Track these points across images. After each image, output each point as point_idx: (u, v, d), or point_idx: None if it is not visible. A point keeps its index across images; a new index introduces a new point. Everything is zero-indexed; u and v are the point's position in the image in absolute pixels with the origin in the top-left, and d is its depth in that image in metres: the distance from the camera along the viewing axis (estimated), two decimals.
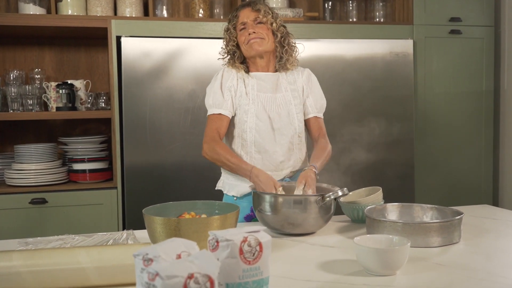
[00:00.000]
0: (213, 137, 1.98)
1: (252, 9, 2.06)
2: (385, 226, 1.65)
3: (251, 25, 2.04)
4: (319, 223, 1.78)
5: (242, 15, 2.06)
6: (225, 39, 2.11)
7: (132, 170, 2.93)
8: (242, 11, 2.07)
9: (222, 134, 2.01)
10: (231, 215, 1.48)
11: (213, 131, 1.99)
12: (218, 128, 2.00)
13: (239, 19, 2.07)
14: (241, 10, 2.08)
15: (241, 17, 2.06)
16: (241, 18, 2.06)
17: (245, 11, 2.07)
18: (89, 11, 3.09)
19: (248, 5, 2.08)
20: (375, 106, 3.27)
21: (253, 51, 2.03)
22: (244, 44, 2.05)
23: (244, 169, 1.92)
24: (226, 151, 1.96)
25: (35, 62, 3.30)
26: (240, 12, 2.07)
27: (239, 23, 2.06)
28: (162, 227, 1.43)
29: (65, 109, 3.00)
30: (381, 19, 3.55)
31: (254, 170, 1.89)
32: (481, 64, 3.51)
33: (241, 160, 1.98)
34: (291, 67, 2.11)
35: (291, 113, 2.07)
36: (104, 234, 1.82)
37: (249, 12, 2.06)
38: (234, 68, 2.08)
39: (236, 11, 2.09)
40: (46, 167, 2.95)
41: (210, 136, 1.99)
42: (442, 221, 1.63)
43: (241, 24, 2.05)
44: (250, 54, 2.05)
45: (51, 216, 2.89)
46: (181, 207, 1.67)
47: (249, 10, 2.06)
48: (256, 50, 2.03)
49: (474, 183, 3.53)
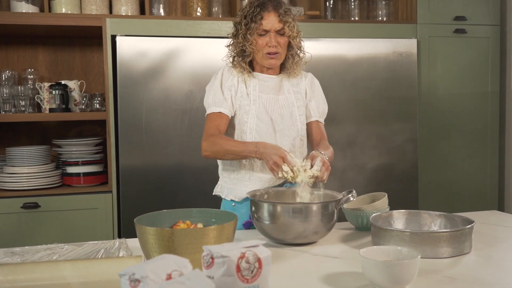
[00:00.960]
0: (212, 133, 1.90)
1: (279, 17, 1.90)
2: (391, 235, 1.56)
3: (274, 36, 1.91)
4: (321, 232, 1.69)
5: (267, 21, 1.89)
6: (238, 36, 1.93)
7: (128, 174, 2.84)
8: (267, 15, 1.89)
9: (222, 131, 1.93)
10: (228, 225, 1.39)
11: (212, 129, 1.91)
12: (218, 125, 1.92)
13: (262, 23, 1.89)
14: (267, 13, 1.90)
15: (266, 22, 1.89)
16: (265, 24, 1.89)
17: (271, 17, 1.90)
18: (84, 9, 3.00)
19: (275, 9, 1.91)
20: (377, 108, 3.19)
21: (268, 64, 1.96)
22: (261, 51, 1.93)
23: (249, 146, 1.84)
24: (226, 138, 1.90)
25: (28, 62, 3.21)
26: (265, 15, 1.89)
27: (262, 28, 1.90)
28: (154, 238, 1.34)
29: (58, 110, 2.91)
30: (384, 18, 3.47)
31: (259, 144, 1.82)
32: (487, 64, 3.43)
33: (244, 142, 1.91)
34: (295, 76, 2.04)
35: (294, 114, 2.00)
36: (95, 243, 1.73)
37: (275, 20, 1.90)
38: (238, 68, 1.97)
39: (261, 11, 1.89)
40: (39, 171, 2.86)
41: (209, 133, 1.91)
42: (452, 230, 1.54)
43: (263, 30, 1.91)
44: (263, 64, 1.97)
45: (43, 221, 2.79)
46: (176, 216, 1.57)
47: (275, 17, 1.90)
48: (272, 65, 1.96)
49: (479, 186, 3.45)
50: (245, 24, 1.91)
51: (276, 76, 2.02)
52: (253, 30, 1.90)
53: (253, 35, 1.90)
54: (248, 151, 1.83)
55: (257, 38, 1.91)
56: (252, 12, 1.90)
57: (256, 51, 1.93)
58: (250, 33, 1.90)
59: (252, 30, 1.90)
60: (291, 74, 2.02)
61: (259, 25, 1.89)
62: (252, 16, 1.90)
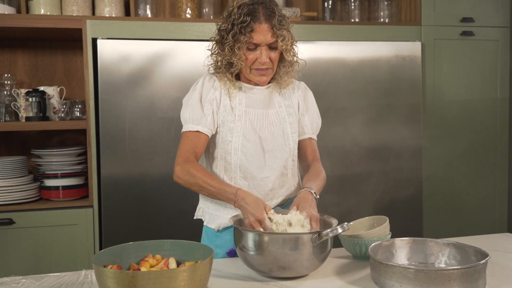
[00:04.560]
0: (187, 158, 1.67)
1: (272, 30, 1.65)
2: (393, 272, 1.35)
3: (265, 51, 1.67)
4: (313, 265, 1.49)
5: (258, 34, 1.64)
6: (224, 47, 1.68)
7: (110, 187, 2.65)
8: (259, 27, 1.64)
9: (199, 155, 1.70)
10: (202, 264, 1.19)
11: (188, 152, 1.68)
12: (194, 147, 1.69)
13: (253, 36, 1.64)
14: (258, 24, 1.64)
15: (256, 35, 1.64)
16: (255, 37, 1.65)
17: (263, 29, 1.64)
18: (64, 10, 2.80)
19: (268, 19, 1.65)
20: (379, 114, 3.00)
21: (257, 81, 1.73)
22: (249, 67, 1.70)
23: (228, 193, 1.61)
24: (204, 173, 1.65)
25: (6, 67, 3.01)
26: (256, 27, 1.64)
27: (252, 41, 1.66)
28: (113, 281, 1.13)
29: (35, 119, 2.71)
30: (386, 20, 3.29)
31: (239, 193, 1.60)
32: (496, 69, 3.25)
33: (223, 182, 1.68)
34: (286, 86, 1.81)
35: (286, 132, 1.77)
36: (58, 275, 1.54)
37: (267, 33, 1.65)
38: (223, 80, 1.74)
39: (251, 21, 1.63)
40: (14, 184, 2.66)
41: (184, 157, 1.68)
42: (464, 268, 1.33)
43: (253, 44, 1.67)
44: (252, 79, 1.74)
45: (18, 238, 2.59)
46: (145, 249, 1.37)
47: (268, 30, 1.65)
48: (262, 82, 1.74)
49: (487, 194, 3.27)
50: (233, 36, 1.65)
51: (265, 87, 1.79)
52: (242, 43, 1.65)
53: (241, 49, 1.66)
54: (225, 197, 1.63)
55: (246, 52, 1.68)
56: (241, 22, 1.64)
57: (245, 67, 1.71)
58: (239, 47, 1.65)
59: (241, 43, 1.65)
60: (282, 84, 1.80)
61: (248, 38, 1.64)
62: (241, 27, 1.64)
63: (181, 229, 2.56)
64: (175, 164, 1.68)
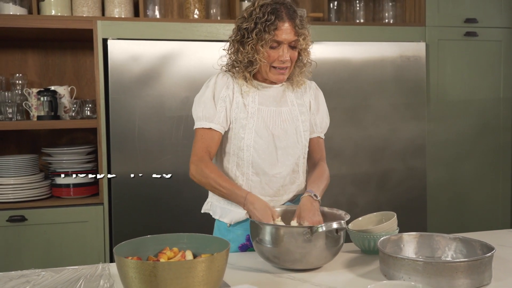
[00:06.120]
0: (201, 157, 1.72)
1: (294, 29, 1.70)
2: (402, 264, 1.40)
3: (287, 49, 1.72)
4: (326, 258, 1.54)
5: (282, 32, 1.68)
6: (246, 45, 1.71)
7: (120, 185, 2.69)
8: (282, 25, 1.68)
9: (212, 153, 1.75)
10: (219, 255, 1.23)
11: (202, 150, 1.73)
12: (208, 146, 1.73)
13: (276, 33, 1.68)
14: (282, 23, 1.68)
15: (280, 33, 1.68)
16: (279, 35, 1.68)
17: (287, 28, 1.69)
18: (74, 11, 2.85)
19: (291, 18, 1.70)
20: (384, 114, 3.03)
21: (275, 79, 1.77)
22: (270, 65, 1.74)
23: (238, 195, 1.67)
24: (217, 173, 1.70)
25: (17, 67, 3.06)
26: (280, 25, 1.68)
27: (276, 39, 1.69)
28: (135, 271, 1.18)
29: (47, 118, 2.76)
30: (390, 20, 3.32)
31: (249, 197, 1.65)
32: (499, 69, 3.28)
33: (234, 184, 1.73)
34: (299, 86, 1.85)
35: (299, 130, 1.81)
36: (76, 268, 1.59)
37: (290, 31, 1.69)
38: (240, 78, 1.77)
39: (275, 20, 1.67)
40: (26, 181, 2.71)
41: (199, 156, 1.72)
42: (471, 260, 1.37)
43: (276, 42, 1.70)
44: (270, 78, 1.78)
45: (30, 235, 2.64)
46: (163, 241, 1.42)
47: (291, 29, 1.69)
48: (280, 80, 1.78)
49: (491, 193, 3.31)
50: (257, 33, 1.69)
51: (279, 85, 1.83)
52: (266, 41, 1.69)
53: (264, 47, 1.70)
54: (235, 199, 1.69)
55: (268, 50, 1.72)
56: (265, 20, 1.68)
57: (265, 65, 1.74)
58: (262, 44, 1.70)
59: (265, 41, 1.69)
60: (295, 83, 1.84)
61: (272, 36, 1.69)
62: (265, 25, 1.68)
63: (189, 226, 2.59)
64: (190, 162, 1.73)
